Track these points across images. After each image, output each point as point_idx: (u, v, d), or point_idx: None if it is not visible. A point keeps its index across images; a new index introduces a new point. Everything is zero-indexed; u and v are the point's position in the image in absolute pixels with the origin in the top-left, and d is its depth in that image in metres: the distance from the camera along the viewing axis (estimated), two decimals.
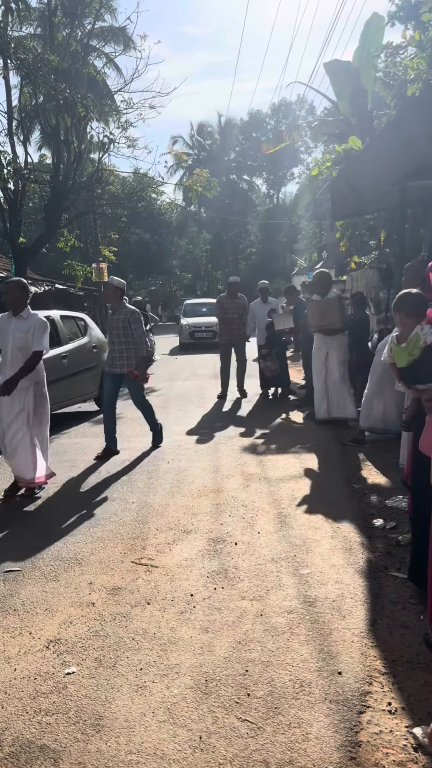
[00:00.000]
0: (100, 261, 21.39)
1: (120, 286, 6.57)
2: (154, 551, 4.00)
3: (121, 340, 6.50)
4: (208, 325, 19.39)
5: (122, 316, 6.47)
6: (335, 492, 5.03)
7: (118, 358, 6.52)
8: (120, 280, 6.76)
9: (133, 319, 6.45)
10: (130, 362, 6.49)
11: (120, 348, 6.51)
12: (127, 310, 6.51)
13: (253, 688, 2.53)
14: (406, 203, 7.12)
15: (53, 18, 15.01)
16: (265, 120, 45.17)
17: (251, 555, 3.85)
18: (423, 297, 3.47)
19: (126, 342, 6.49)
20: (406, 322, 3.36)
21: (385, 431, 6.21)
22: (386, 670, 2.61)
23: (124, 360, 6.50)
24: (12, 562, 3.93)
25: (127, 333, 6.46)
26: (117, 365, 6.52)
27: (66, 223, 17.00)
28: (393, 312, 3.48)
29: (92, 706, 2.47)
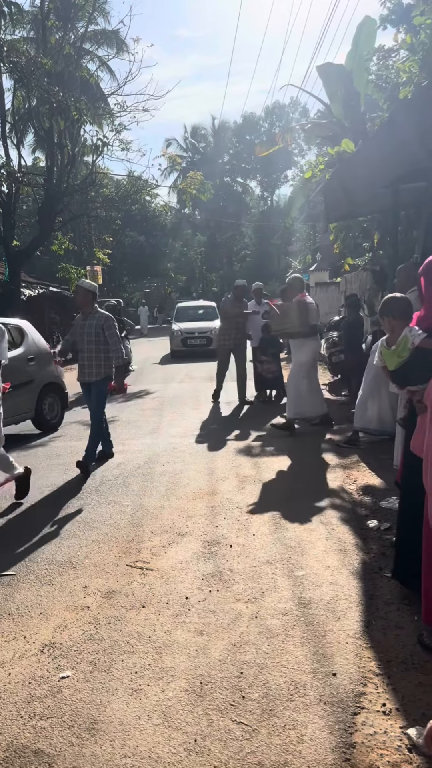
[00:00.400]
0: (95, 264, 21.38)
1: (91, 290, 6.24)
2: (149, 554, 3.99)
3: (92, 347, 6.08)
4: (202, 331, 17.59)
5: (95, 321, 6.08)
6: (330, 493, 5.04)
7: (87, 366, 6.14)
8: (91, 282, 6.38)
9: (107, 325, 6.07)
10: (100, 371, 6.10)
11: (90, 356, 6.10)
12: (100, 315, 6.13)
13: (247, 690, 2.53)
14: (398, 205, 7.16)
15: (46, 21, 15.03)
16: (258, 123, 45.32)
17: (246, 557, 3.85)
18: (409, 300, 3.50)
19: (98, 350, 6.09)
20: (394, 325, 3.39)
21: (380, 432, 6.23)
22: (381, 671, 2.61)
23: (93, 368, 6.11)
24: (6, 566, 3.92)
25: (99, 340, 6.07)
26: (87, 374, 6.15)
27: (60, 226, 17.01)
28: (380, 317, 3.50)
29: (87, 710, 2.47)
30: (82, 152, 16.30)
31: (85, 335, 6.10)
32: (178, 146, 46.64)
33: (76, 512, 4.91)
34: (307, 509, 4.67)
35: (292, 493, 5.08)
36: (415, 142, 5.41)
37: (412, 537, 2.97)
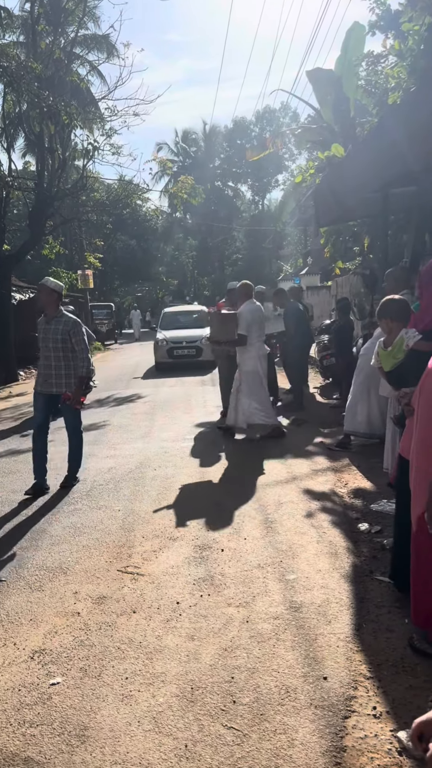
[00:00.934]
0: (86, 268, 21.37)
1: (56, 289, 5.62)
2: (140, 559, 3.98)
3: (59, 354, 5.52)
4: (191, 340, 15.22)
5: (61, 326, 5.51)
6: (321, 497, 5.05)
7: (54, 375, 5.54)
8: (57, 282, 5.75)
9: (74, 330, 5.52)
10: (69, 381, 5.55)
11: (58, 364, 5.53)
12: (68, 320, 5.56)
13: (238, 695, 2.53)
14: (388, 210, 7.21)
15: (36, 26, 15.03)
16: (249, 127, 45.44)
17: (237, 561, 3.85)
18: (406, 302, 3.53)
19: (65, 357, 5.53)
20: (392, 327, 3.41)
21: (370, 435, 6.25)
22: (371, 675, 2.62)
23: (62, 378, 5.54)
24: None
25: (66, 347, 5.51)
26: (53, 384, 5.57)
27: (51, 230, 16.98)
28: (378, 319, 3.52)
29: (77, 717, 2.46)
30: (72, 156, 16.30)
31: (49, 341, 5.53)
32: (169, 150, 46.71)
33: (67, 517, 4.89)
34: (298, 513, 4.68)
35: (283, 497, 5.09)
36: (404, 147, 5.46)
37: (408, 540, 2.99)
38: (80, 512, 5.00)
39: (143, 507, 5.04)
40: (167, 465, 6.35)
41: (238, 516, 4.68)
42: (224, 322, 7.17)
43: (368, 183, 6.61)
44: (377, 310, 3.53)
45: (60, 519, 4.86)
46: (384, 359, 3.50)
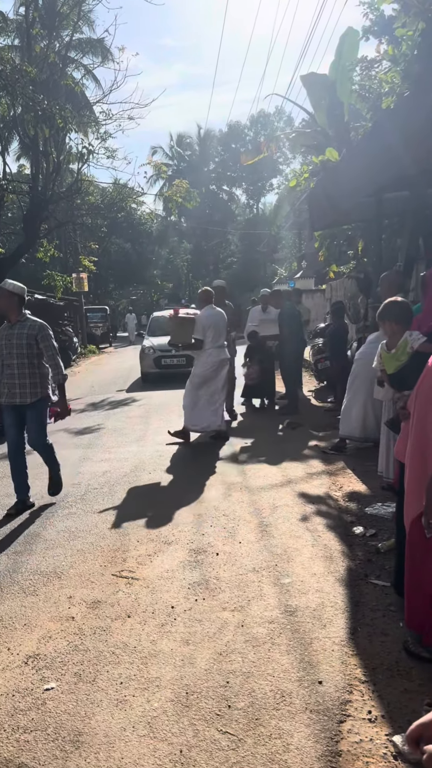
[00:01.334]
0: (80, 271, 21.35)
1: (16, 291, 5.19)
2: (135, 563, 3.97)
3: (24, 362, 5.11)
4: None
5: (26, 330, 5.13)
6: (315, 500, 5.05)
7: (19, 385, 5.13)
8: (18, 284, 5.29)
9: (42, 335, 5.15)
10: (35, 391, 5.16)
11: (22, 372, 5.12)
12: (33, 324, 5.19)
13: (234, 699, 2.52)
14: (382, 214, 7.24)
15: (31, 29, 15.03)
16: (243, 131, 45.60)
17: (232, 565, 3.84)
18: (408, 305, 3.54)
19: (30, 365, 5.14)
20: (395, 329, 3.42)
21: (364, 439, 6.26)
22: (366, 678, 2.62)
23: (27, 388, 5.13)
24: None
25: (32, 353, 5.14)
26: (17, 395, 5.15)
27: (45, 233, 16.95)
28: (379, 321, 3.52)
29: (71, 722, 2.44)
30: (67, 160, 16.29)
31: (13, 347, 5.12)
32: (163, 154, 46.79)
33: (61, 521, 4.87)
34: (293, 516, 4.68)
35: (278, 500, 5.09)
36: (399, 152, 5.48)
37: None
38: (75, 516, 4.98)
39: (138, 511, 5.03)
40: (162, 469, 6.34)
41: (233, 519, 4.68)
42: (183, 325, 7.24)
43: (362, 187, 6.64)
44: (379, 312, 3.52)
45: (54, 523, 4.85)
46: (387, 361, 3.51)
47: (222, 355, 7.25)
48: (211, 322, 7.20)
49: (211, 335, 7.17)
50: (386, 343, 3.50)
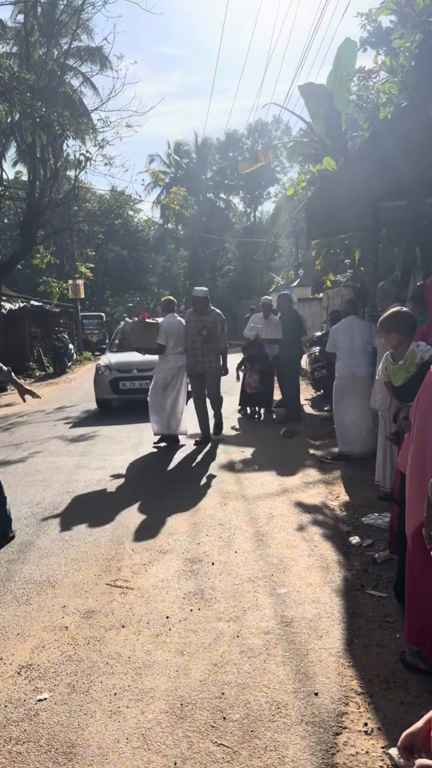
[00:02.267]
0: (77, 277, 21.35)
1: None
2: (130, 572, 3.94)
3: None
4: (146, 367, 9.82)
5: None
6: (312, 510, 5.03)
7: None
8: None
9: None
10: None
11: None
12: None
13: (229, 711, 2.49)
14: (379, 223, 7.25)
15: (30, 37, 15.09)
16: (241, 140, 45.78)
17: (228, 575, 3.82)
18: (412, 315, 3.52)
19: None
20: (401, 341, 3.40)
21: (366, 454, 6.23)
22: (363, 690, 2.59)
23: None
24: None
25: None
26: None
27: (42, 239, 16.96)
28: (386, 332, 3.48)
29: (64, 734, 2.41)
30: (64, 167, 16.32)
31: None
32: (161, 162, 46.94)
33: (55, 529, 4.84)
34: (289, 526, 4.66)
35: (274, 510, 5.07)
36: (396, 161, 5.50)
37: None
38: (69, 524, 4.94)
39: (133, 519, 5.00)
40: (158, 477, 6.31)
41: (228, 529, 4.65)
42: (147, 329, 7.62)
43: (359, 196, 6.66)
44: (384, 323, 3.48)
45: (48, 531, 4.81)
46: (394, 373, 3.49)
47: (180, 361, 7.69)
48: (173, 330, 7.61)
49: (172, 342, 7.59)
50: (391, 355, 3.47)
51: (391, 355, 3.51)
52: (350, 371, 6.44)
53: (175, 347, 7.64)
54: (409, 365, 3.32)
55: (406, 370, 3.35)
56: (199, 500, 5.44)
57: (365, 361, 6.36)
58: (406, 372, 3.35)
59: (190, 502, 5.38)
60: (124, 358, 10.75)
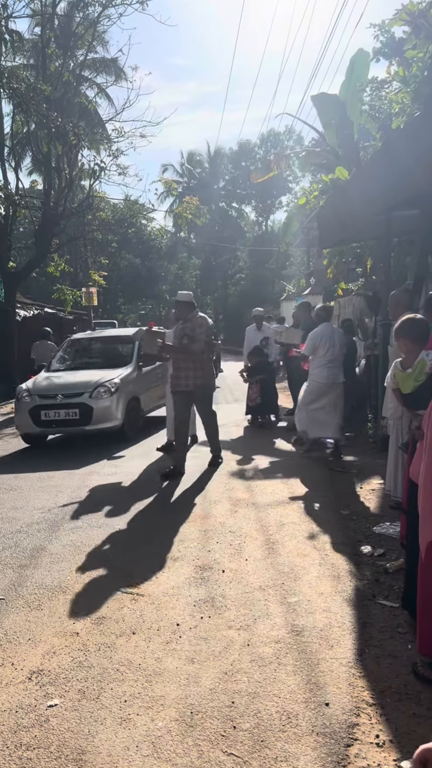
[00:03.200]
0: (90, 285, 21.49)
1: None
2: (140, 579, 3.94)
3: None
4: (75, 392, 8.40)
5: None
6: (323, 518, 5.01)
7: None
8: None
9: None
10: None
11: None
12: None
13: (239, 720, 2.48)
14: (391, 232, 7.25)
15: (46, 49, 15.30)
16: (254, 150, 46.02)
17: (238, 583, 3.81)
18: (426, 323, 3.52)
19: None
20: (411, 348, 3.40)
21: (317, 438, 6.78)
22: (374, 701, 2.57)
23: None
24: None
25: None
26: None
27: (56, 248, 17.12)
28: (395, 338, 3.50)
29: (75, 740, 2.41)
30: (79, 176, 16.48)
31: None
32: (174, 171, 47.30)
33: (67, 535, 4.85)
34: (300, 534, 4.64)
35: (284, 518, 5.05)
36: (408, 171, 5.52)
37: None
38: (80, 530, 4.96)
39: (144, 526, 5.01)
40: (168, 484, 6.31)
41: (239, 536, 4.65)
42: (153, 337, 7.37)
43: (372, 206, 6.67)
44: (395, 329, 3.49)
45: (60, 537, 4.83)
46: (403, 381, 3.48)
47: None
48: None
49: None
50: (401, 362, 3.47)
51: (400, 363, 3.51)
52: (331, 379, 7.03)
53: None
54: (418, 374, 3.32)
55: (415, 379, 3.34)
56: (210, 507, 5.44)
57: (341, 370, 7.13)
58: (415, 380, 3.34)
59: (201, 509, 5.38)
60: (56, 380, 8.91)
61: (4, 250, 14.66)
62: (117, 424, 8.49)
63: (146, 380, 9.38)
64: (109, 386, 8.43)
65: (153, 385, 9.50)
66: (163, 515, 5.27)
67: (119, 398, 8.48)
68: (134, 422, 8.98)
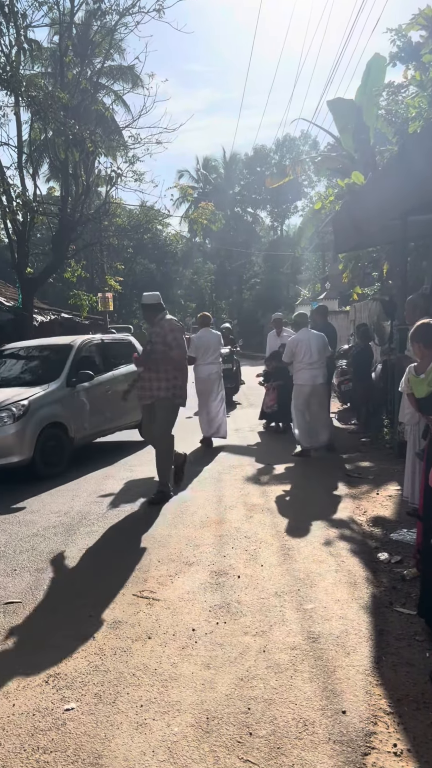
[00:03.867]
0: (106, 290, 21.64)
1: None
2: (156, 584, 3.95)
3: None
4: None
5: None
6: (339, 524, 4.99)
7: None
8: None
9: None
10: None
11: None
12: None
13: (255, 726, 2.47)
14: (408, 237, 7.22)
15: (64, 57, 15.46)
16: (269, 155, 46.07)
17: (254, 589, 3.80)
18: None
19: None
20: (425, 353, 3.39)
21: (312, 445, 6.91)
22: (391, 710, 2.55)
23: None
24: (12, 594, 3.89)
25: None
26: None
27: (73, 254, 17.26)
28: (411, 343, 3.50)
29: (91, 744, 2.42)
30: (96, 183, 16.61)
31: None
32: (190, 177, 47.51)
33: (83, 539, 4.88)
34: (316, 540, 4.62)
35: (300, 524, 5.03)
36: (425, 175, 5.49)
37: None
38: (96, 534, 4.98)
39: (159, 530, 5.01)
40: (184, 489, 6.32)
41: (254, 542, 4.64)
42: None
43: (388, 210, 6.65)
44: (411, 333, 3.49)
45: (76, 540, 4.85)
46: (417, 386, 3.47)
47: (212, 370, 8.47)
48: (202, 343, 8.46)
49: (202, 353, 8.41)
50: (415, 367, 3.46)
51: (414, 368, 3.50)
52: (311, 381, 7.48)
53: (205, 358, 8.39)
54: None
55: (429, 384, 3.32)
56: (225, 512, 5.44)
57: (321, 371, 7.51)
58: (429, 385, 3.32)
59: (216, 514, 5.38)
60: None
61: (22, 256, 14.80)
62: (21, 460, 6.72)
63: (86, 398, 7.77)
64: (14, 410, 6.69)
65: (102, 403, 8.02)
66: (178, 520, 5.28)
67: (27, 425, 6.72)
68: (55, 455, 7.18)
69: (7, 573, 4.25)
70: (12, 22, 12.51)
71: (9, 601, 3.78)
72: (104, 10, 15.15)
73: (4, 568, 4.34)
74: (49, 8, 14.61)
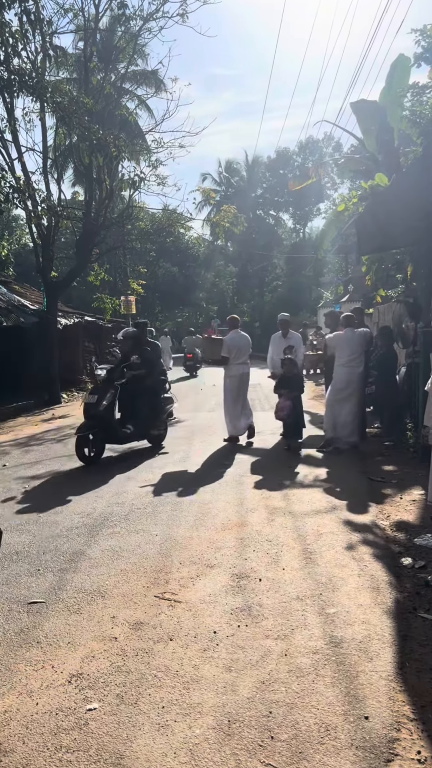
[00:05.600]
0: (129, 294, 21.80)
1: None
2: (177, 586, 3.96)
3: None
4: None
5: None
6: (362, 529, 4.94)
7: None
8: None
9: None
10: None
11: None
12: None
13: (277, 730, 2.47)
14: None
15: (89, 63, 15.66)
16: (292, 157, 45.94)
17: (276, 592, 3.79)
18: None
19: None
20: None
21: None
22: (415, 716, 2.52)
23: None
24: (36, 594, 3.94)
25: None
26: None
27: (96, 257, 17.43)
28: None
29: (113, 745, 2.44)
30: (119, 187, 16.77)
31: None
32: (212, 180, 47.57)
33: (105, 540, 4.91)
34: (339, 544, 4.58)
35: (322, 527, 5.00)
36: None
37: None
38: (118, 536, 5.02)
39: (180, 532, 5.03)
40: (205, 491, 6.33)
41: (276, 545, 4.62)
42: (213, 344, 9.26)
43: (412, 211, 6.59)
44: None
45: (98, 542, 4.89)
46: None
47: (242, 370, 8.96)
48: (233, 344, 8.91)
49: (234, 353, 8.86)
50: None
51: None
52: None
53: (237, 358, 8.88)
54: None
55: None
56: (247, 515, 5.43)
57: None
58: None
59: (238, 517, 5.37)
60: None
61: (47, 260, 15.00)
62: None
63: None
64: None
65: None
66: (200, 522, 5.29)
67: None
68: None
69: (31, 573, 4.30)
70: (38, 29, 12.70)
71: (33, 601, 3.82)
72: (128, 15, 15.32)
73: (28, 569, 4.39)
74: (74, 15, 14.82)
